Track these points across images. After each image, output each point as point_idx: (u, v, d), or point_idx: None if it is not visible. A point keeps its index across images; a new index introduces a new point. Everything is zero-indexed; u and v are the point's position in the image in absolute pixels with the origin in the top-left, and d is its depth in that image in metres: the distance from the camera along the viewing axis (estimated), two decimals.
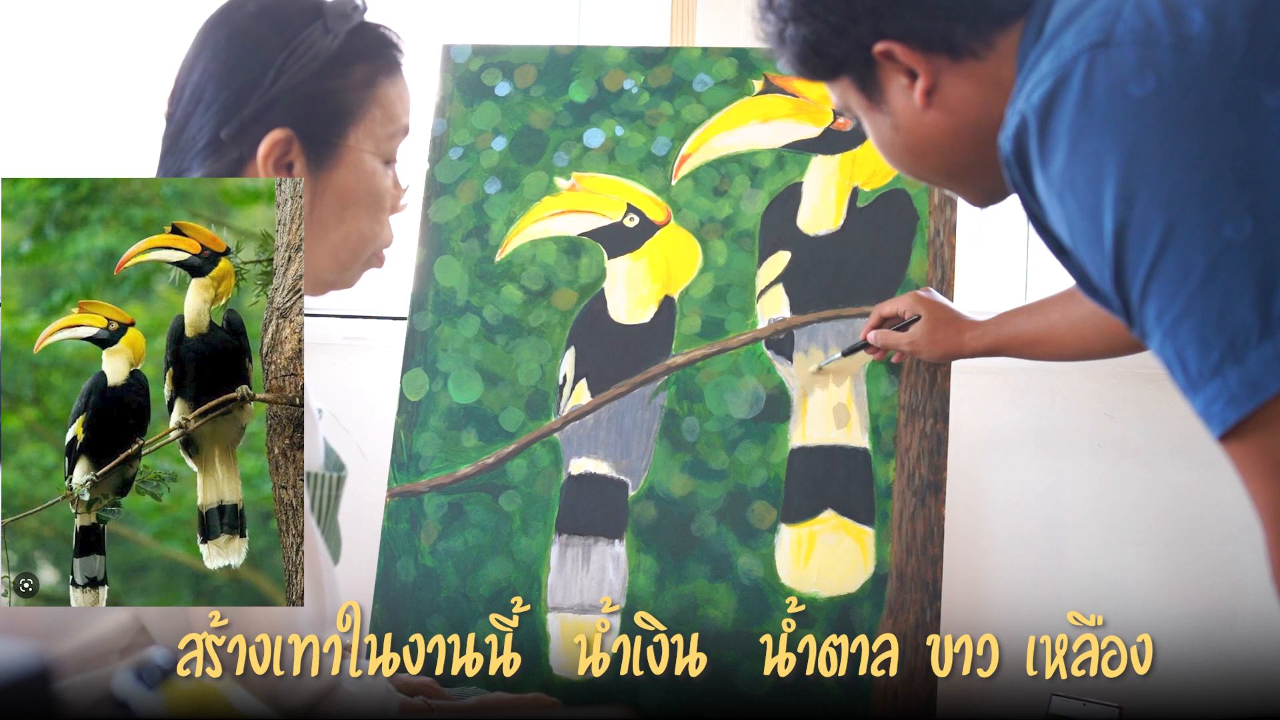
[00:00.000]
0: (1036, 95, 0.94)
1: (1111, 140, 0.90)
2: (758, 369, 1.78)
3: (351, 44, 1.14)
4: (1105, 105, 0.90)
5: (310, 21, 1.12)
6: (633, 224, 1.83)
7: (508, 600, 1.75)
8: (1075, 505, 2.09)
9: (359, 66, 1.15)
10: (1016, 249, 2.29)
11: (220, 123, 1.11)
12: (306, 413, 1.09)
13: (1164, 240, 0.88)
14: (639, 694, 1.74)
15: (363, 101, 1.15)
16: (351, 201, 1.16)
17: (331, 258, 1.17)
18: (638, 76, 1.85)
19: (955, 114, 1.08)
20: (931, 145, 1.11)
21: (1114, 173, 0.89)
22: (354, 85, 1.14)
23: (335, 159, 1.14)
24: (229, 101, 1.11)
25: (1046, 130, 0.94)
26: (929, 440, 1.75)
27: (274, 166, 1.11)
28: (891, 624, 1.74)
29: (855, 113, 1.14)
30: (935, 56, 1.06)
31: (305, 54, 1.11)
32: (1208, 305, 0.87)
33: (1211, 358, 0.87)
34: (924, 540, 1.75)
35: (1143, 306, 0.91)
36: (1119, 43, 0.91)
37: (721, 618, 1.75)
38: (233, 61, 1.11)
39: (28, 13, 2.36)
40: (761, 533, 1.76)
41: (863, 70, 1.09)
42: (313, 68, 1.12)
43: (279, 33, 1.11)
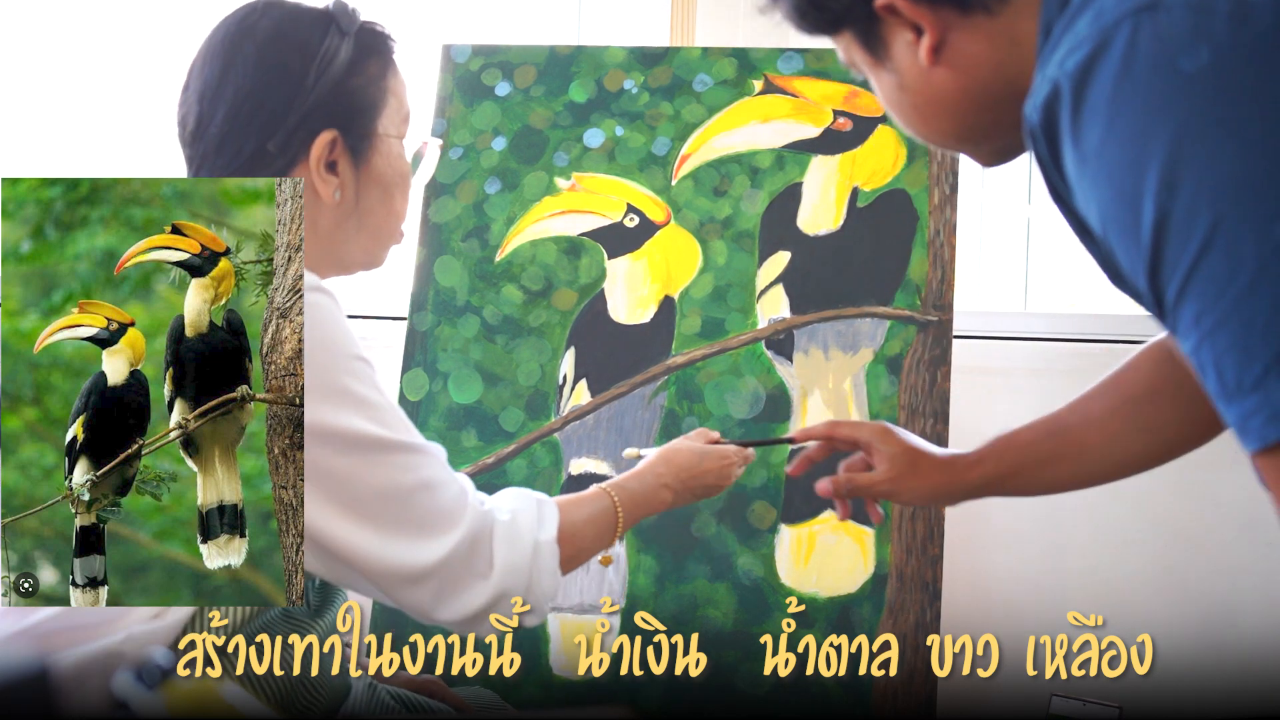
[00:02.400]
0: (1072, 62, 0.85)
1: (1156, 119, 0.81)
2: (758, 369, 1.78)
3: (359, 44, 1.22)
4: (1150, 78, 0.81)
5: (324, 30, 1.20)
6: (633, 224, 1.83)
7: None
8: (1075, 505, 2.08)
9: (371, 63, 1.22)
10: (1017, 249, 2.29)
11: (265, 136, 1.17)
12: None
13: (1210, 236, 0.80)
14: (639, 694, 1.74)
15: (381, 93, 1.23)
16: (389, 185, 1.24)
17: (374, 239, 1.25)
18: (638, 76, 1.85)
19: (965, 73, 0.99)
20: (940, 106, 1.02)
21: (1157, 156, 0.81)
22: (371, 80, 1.22)
23: (371, 149, 1.22)
24: (271, 116, 1.17)
25: (1081, 102, 0.85)
26: (929, 440, 1.75)
27: (323, 166, 1.19)
28: (891, 624, 1.74)
29: (861, 70, 1.06)
30: (942, 10, 0.97)
31: (331, 61, 1.19)
32: (1253, 312, 0.79)
33: (1254, 370, 0.79)
34: (924, 540, 1.75)
35: (1179, 306, 0.83)
36: (1169, 7, 0.82)
37: (721, 618, 1.75)
38: (266, 80, 1.17)
39: (28, 13, 2.36)
40: (761, 533, 1.76)
41: (865, 25, 1.00)
42: (339, 72, 1.19)
43: (301, 46, 1.18)
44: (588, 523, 1.26)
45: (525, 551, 1.17)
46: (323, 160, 1.19)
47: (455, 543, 1.13)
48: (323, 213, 1.20)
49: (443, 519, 1.13)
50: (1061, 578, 2.07)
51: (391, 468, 1.11)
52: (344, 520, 1.09)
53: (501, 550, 1.16)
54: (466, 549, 1.13)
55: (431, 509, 1.12)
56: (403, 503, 1.11)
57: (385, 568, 1.11)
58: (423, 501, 1.12)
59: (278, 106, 1.17)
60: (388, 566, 1.11)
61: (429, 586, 1.12)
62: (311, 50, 1.18)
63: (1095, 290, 2.28)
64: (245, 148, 1.17)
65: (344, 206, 1.21)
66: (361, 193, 1.22)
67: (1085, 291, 2.28)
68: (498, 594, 1.15)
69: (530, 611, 1.18)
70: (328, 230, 1.21)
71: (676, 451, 1.37)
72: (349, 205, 1.21)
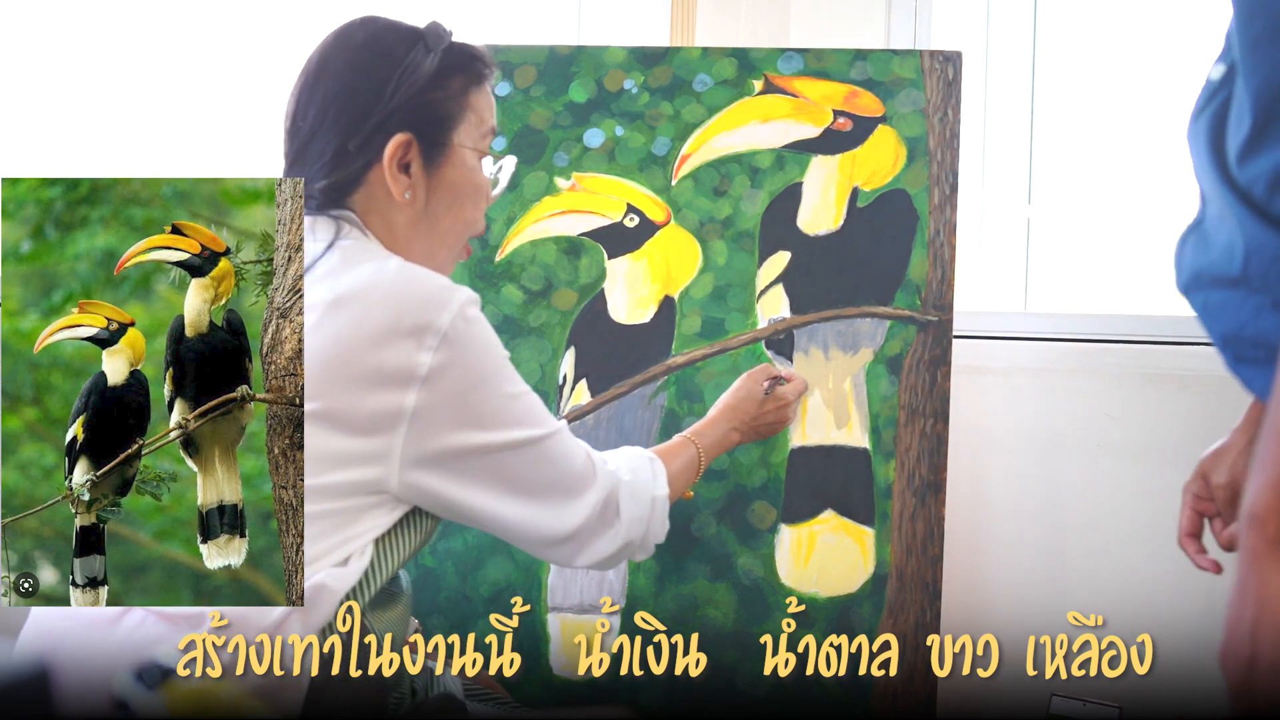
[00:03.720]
0: None
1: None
2: None
3: (447, 61, 1.33)
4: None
5: (413, 46, 1.32)
6: (633, 224, 1.83)
7: (508, 600, 1.75)
8: (1075, 505, 2.09)
9: (455, 79, 1.34)
10: (1017, 249, 2.29)
11: (347, 136, 1.29)
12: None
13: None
14: (639, 694, 1.74)
15: (461, 108, 1.34)
16: (460, 193, 1.35)
17: (441, 244, 1.36)
18: (638, 76, 1.85)
19: None
20: None
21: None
22: (452, 94, 1.33)
23: (444, 157, 1.33)
24: (354, 118, 1.29)
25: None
26: (929, 440, 1.76)
27: (396, 166, 1.30)
28: (891, 624, 1.74)
29: None
30: None
31: (414, 73, 1.31)
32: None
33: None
34: (924, 540, 1.75)
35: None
36: None
37: (721, 618, 1.75)
38: (353, 85, 1.30)
39: (29, 13, 2.36)
40: (761, 533, 1.76)
41: None
42: (420, 83, 1.31)
43: (389, 57, 1.31)
44: (681, 471, 1.49)
45: (645, 505, 1.38)
46: (395, 159, 1.30)
47: (592, 505, 1.32)
48: (396, 212, 1.32)
49: (580, 485, 1.32)
50: (1061, 578, 2.07)
51: (536, 457, 1.28)
52: (499, 503, 1.27)
53: (626, 505, 1.36)
54: (600, 507, 1.33)
55: (570, 479, 1.31)
56: (547, 482, 1.29)
57: (537, 536, 1.31)
58: (563, 476, 1.30)
59: (360, 110, 1.29)
60: (539, 535, 1.30)
61: (572, 543, 1.32)
62: (396, 60, 1.30)
63: (1095, 290, 2.28)
64: (329, 145, 1.29)
65: (415, 207, 1.32)
66: (431, 197, 1.33)
67: (1085, 291, 2.28)
68: (625, 543, 1.36)
69: (641, 550, 1.40)
70: (404, 231, 1.33)
71: (741, 400, 1.63)
72: (419, 207, 1.33)
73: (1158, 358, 2.01)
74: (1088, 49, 2.26)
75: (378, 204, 1.31)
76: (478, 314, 1.24)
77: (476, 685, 1.49)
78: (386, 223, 1.31)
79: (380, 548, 1.21)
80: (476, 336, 1.22)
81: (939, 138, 1.79)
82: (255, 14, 2.34)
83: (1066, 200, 2.26)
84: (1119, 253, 2.25)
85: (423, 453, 1.20)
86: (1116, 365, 2.05)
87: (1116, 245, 2.25)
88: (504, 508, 1.27)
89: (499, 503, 1.27)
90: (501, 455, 1.25)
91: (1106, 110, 2.24)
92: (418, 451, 1.20)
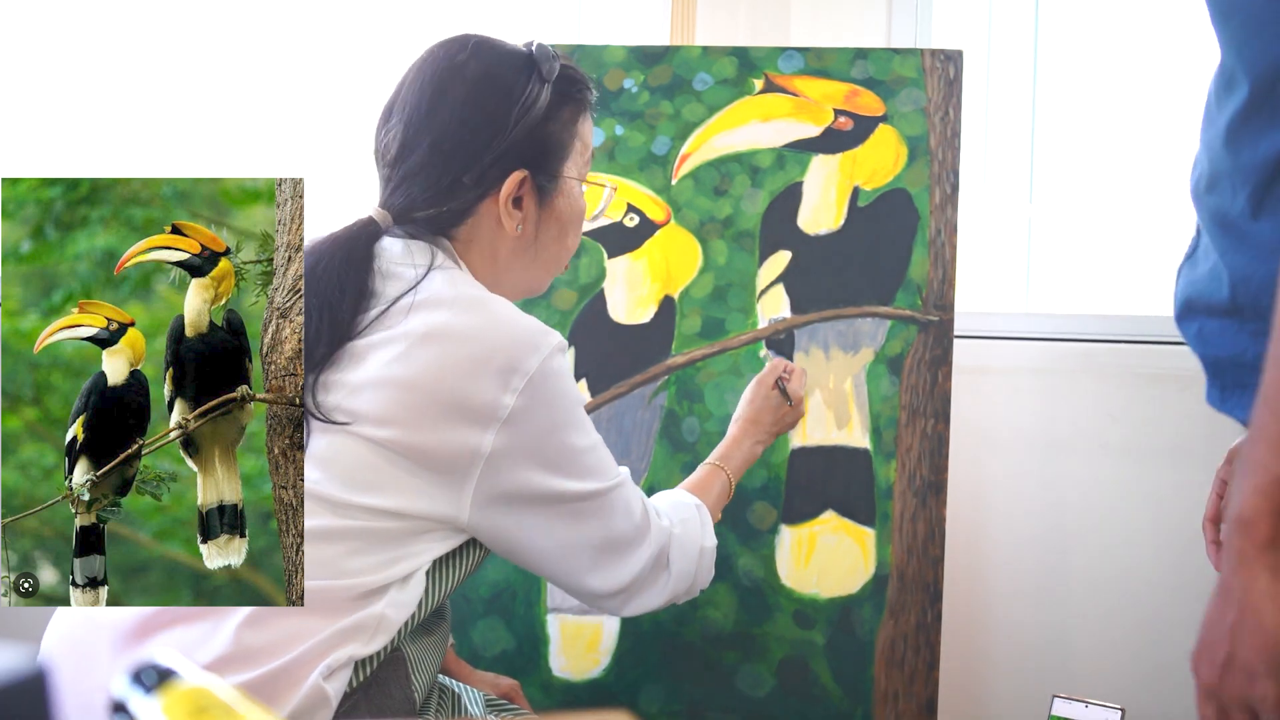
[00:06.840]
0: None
1: None
2: (758, 369, 1.78)
3: (557, 90, 1.30)
4: None
5: (527, 74, 1.29)
6: (633, 223, 1.83)
7: (508, 600, 1.75)
8: (1077, 506, 2.09)
9: (566, 108, 1.31)
10: (1017, 249, 2.29)
11: (463, 169, 1.26)
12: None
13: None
14: (639, 694, 1.74)
15: (570, 137, 1.32)
16: (566, 222, 1.34)
17: (545, 270, 1.36)
18: (638, 76, 1.85)
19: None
20: None
21: None
22: (563, 124, 1.31)
23: (555, 190, 1.32)
24: (471, 152, 1.26)
25: None
26: (930, 440, 1.75)
27: (510, 203, 1.29)
28: (892, 625, 1.73)
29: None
30: None
31: (531, 107, 1.28)
32: None
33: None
34: (925, 541, 1.75)
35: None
36: None
37: (721, 618, 1.75)
38: (472, 118, 1.26)
39: (29, 13, 2.36)
40: (762, 533, 1.76)
41: None
42: (537, 116, 1.28)
43: (507, 90, 1.27)
44: (717, 504, 1.52)
45: (693, 557, 1.38)
46: (511, 196, 1.28)
47: (644, 560, 1.32)
48: (502, 242, 1.30)
49: (636, 539, 1.31)
50: (1062, 577, 2.07)
51: (600, 508, 1.27)
52: (559, 551, 1.26)
53: (676, 559, 1.36)
54: (651, 562, 1.33)
55: (629, 533, 1.30)
56: (607, 536, 1.28)
57: (590, 589, 1.31)
58: (623, 530, 1.30)
59: (478, 144, 1.26)
60: (592, 588, 1.31)
61: (622, 595, 1.33)
62: (515, 95, 1.27)
63: (1097, 290, 2.28)
64: (444, 177, 1.26)
65: (524, 239, 1.31)
66: (541, 228, 1.32)
67: (1087, 292, 2.28)
68: (672, 595, 1.37)
69: (687, 596, 1.41)
70: (505, 259, 1.31)
71: (759, 411, 1.64)
72: (529, 238, 1.31)
73: (1160, 358, 2.01)
74: (1089, 47, 2.26)
75: (483, 234, 1.30)
76: (564, 361, 1.22)
77: (498, 698, 1.49)
78: (490, 251, 1.30)
79: (432, 576, 1.20)
80: (560, 383, 1.21)
81: (940, 137, 1.79)
82: (255, 14, 2.34)
83: (1068, 200, 2.26)
84: (1121, 252, 2.25)
85: (495, 493, 1.20)
86: (1118, 366, 2.04)
87: (1119, 245, 2.25)
88: (563, 556, 1.27)
89: (559, 551, 1.26)
90: (571, 505, 1.24)
91: (1108, 109, 2.24)
92: (490, 491, 1.19)
